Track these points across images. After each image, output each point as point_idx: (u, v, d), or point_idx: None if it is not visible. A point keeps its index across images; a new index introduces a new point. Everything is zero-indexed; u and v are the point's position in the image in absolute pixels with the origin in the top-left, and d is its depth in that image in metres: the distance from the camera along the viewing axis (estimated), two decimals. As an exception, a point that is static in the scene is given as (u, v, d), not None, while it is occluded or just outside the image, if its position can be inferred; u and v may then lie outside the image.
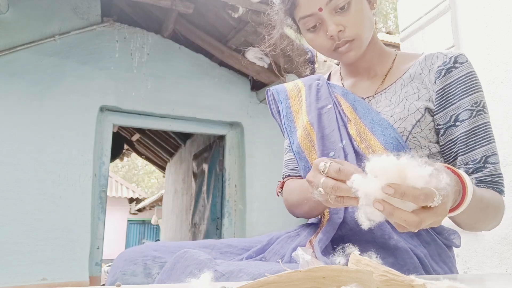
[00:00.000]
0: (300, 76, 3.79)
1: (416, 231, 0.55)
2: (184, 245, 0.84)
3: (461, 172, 0.64)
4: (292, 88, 1.02)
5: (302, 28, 0.88)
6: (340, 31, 0.81)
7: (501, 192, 0.79)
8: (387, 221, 0.76)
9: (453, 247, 0.86)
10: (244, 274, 0.61)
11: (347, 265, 0.54)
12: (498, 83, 1.54)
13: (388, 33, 6.25)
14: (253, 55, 3.61)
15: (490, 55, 1.59)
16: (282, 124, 1.01)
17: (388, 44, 4.25)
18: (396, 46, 3.99)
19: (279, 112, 1.04)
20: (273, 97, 1.05)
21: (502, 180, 0.79)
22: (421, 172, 0.53)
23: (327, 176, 0.59)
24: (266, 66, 3.65)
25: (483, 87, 0.83)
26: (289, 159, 0.99)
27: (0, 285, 2.72)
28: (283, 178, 0.99)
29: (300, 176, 0.95)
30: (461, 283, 0.44)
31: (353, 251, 0.55)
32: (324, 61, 3.36)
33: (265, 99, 4.03)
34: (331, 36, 0.82)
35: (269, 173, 3.81)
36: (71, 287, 2.82)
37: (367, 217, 0.56)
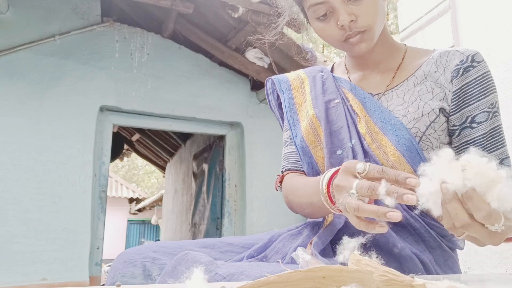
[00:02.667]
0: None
1: (460, 237, 0.54)
2: (183, 245, 0.83)
3: None
4: (294, 79, 0.97)
5: (311, 16, 0.82)
6: (352, 21, 0.76)
7: None
8: (392, 230, 0.74)
9: (457, 250, 0.84)
10: (245, 276, 0.60)
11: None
12: (498, 83, 1.54)
13: (388, 33, 6.23)
14: (253, 55, 3.61)
15: (490, 55, 1.59)
16: (284, 115, 0.95)
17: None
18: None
19: (279, 104, 1.00)
20: (272, 88, 1.00)
21: None
22: (509, 198, 0.49)
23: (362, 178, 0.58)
24: (266, 66, 3.65)
25: None
26: (289, 152, 0.94)
27: (0, 285, 2.72)
28: (282, 172, 0.94)
29: (302, 171, 0.91)
30: (461, 283, 0.44)
31: (353, 251, 0.55)
32: (324, 61, 3.36)
33: (265, 99, 4.03)
34: (342, 26, 0.77)
35: (269, 173, 3.81)
36: (71, 287, 2.82)
37: (420, 192, 0.53)
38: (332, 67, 1.01)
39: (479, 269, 1.52)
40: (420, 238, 0.77)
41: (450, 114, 0.79)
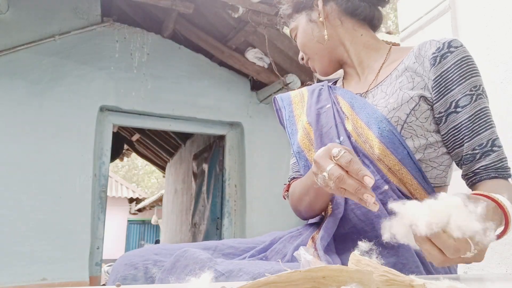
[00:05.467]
0: (300, 76, 3.79)
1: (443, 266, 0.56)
2: (185, 247, 0.84)
3: (506, 204, 0.62)
4: (296, 95, 1.05)
5: None
6: (302, 57, 1.03)
7: (509, 176, 0.78)
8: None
9: None
10: (244, 274, 0.61)
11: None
12: (498, 83, 1.54)
13: (388, 33, 6.23)
14: (253, 55, 3.61)
15: (490, 55, 1.59)
16: (285, 127, 1.01)
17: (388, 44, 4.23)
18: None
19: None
20: (279, 105, 1.06)
21: (507, 163, 0.78)
22: (468, 224, 0.50)
23: (336, 164, 0.60)
24: (266, 66, 3.65)
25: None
26: (293, 163, 1.00)
27: (0, 285, 2.72)
28: (289, 181, 1.00)
29: None
30: (461, 283, 0.44)
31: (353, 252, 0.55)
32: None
33: (265, 99, 4.05)
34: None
35: (269, 173, 3.81)
36: (71, 287, 2.82)
37: (393, 232, 0.56)
38: (337, 81, 1.07)
39: (479, 269, 1.52)
40: None
41: (434, 102, 0.81)
